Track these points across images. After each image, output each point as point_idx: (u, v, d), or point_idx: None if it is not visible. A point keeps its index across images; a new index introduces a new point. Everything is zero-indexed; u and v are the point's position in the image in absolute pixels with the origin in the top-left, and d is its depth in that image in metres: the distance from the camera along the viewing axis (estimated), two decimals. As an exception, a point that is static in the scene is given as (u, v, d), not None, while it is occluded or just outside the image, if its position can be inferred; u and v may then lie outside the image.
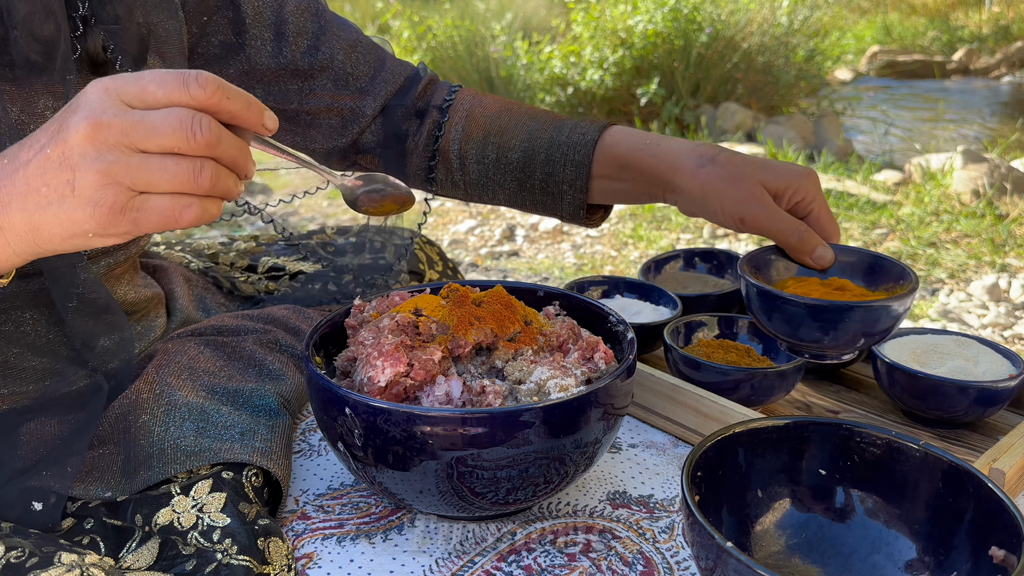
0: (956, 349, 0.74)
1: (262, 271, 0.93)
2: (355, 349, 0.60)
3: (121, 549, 0.54)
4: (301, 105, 0.81)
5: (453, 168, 0.83)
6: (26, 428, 0.60)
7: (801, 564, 0.52)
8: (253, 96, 0.47)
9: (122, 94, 0.44)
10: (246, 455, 0.59)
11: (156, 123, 0.44)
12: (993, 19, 8.23)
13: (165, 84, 0.44)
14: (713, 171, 0.69)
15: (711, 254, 1.02)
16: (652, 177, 0.74)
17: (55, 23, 0.58)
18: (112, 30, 0.64)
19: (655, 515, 0.61)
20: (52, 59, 0.58)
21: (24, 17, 0.56)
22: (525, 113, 0.81)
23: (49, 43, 0.58)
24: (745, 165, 0.69)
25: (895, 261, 0.69)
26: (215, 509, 0.55)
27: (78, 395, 0.64)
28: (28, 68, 0.58)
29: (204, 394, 0.65)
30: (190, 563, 0.52)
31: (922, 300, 2.26)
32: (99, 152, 0.43)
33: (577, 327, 0.64)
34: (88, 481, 0.59)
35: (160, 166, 0.44)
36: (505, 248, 2.81)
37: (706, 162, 0.70)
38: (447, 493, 0.54)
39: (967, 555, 0.47)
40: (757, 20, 4.37)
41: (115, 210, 0.44)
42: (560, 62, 4.49)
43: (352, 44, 0.82)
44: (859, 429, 0.53)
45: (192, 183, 0.45)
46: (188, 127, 0.44)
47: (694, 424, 0.71)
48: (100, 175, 0.44)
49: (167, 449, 0.59)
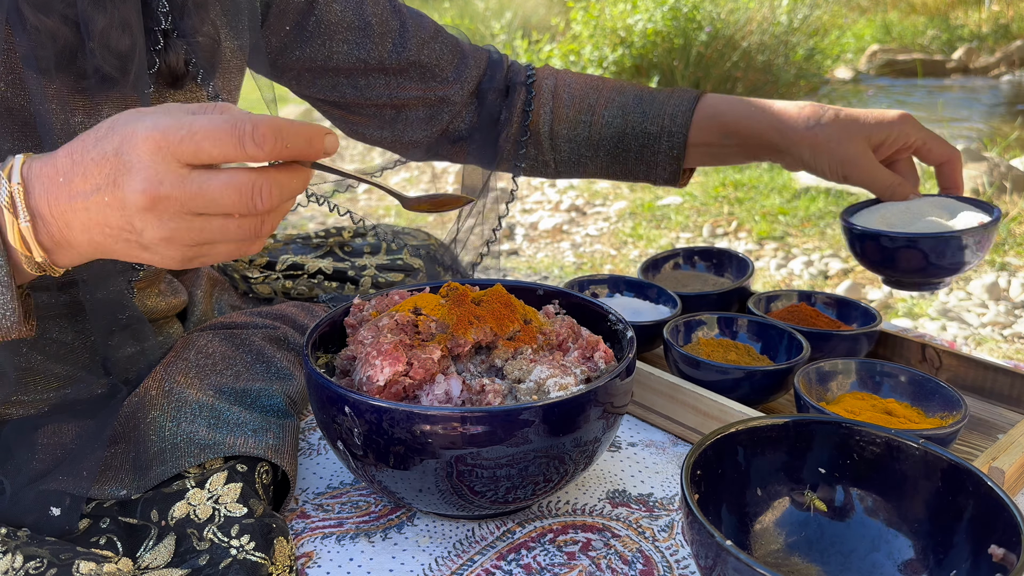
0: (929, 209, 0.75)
1: (280, 268, 0.93)
2: (354, 348, 0.60)
3: (138, 548, 0.54)
4: (390, 99, 0.82)
5: (544, 148, 0.86)
6: (43, 432, 0.60)
7: (801, 562, 0.52)
8: (312, 126, 0.46)
9: (177, 154, 0.43)
10: (261, 450, 0.60)
11: (215, 196, 0.43)
12: (992, 18, 8.23)
13: (220, 142, 0.43)
14: (821, 132, 0.73)
15: (711, 253, 1.02)
16: (760, 141, 0.78)
17: (131, 37, 0.57)
18: (194, 44, 0.63)
19: (654, 514, 0.61)
20: (127, 73, 0.58)
21: (102, 30, 0.56)
22: (612, 88, 0.84)
23: (124, 57, 0.57)
24: (850, 124, 0.73)
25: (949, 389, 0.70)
26: (231, 500, 0.55)
27: (95, 399, 0.64)
28: (100, 80, 0.57)
29: (212, 393, 0.65)
30: (203, 558, 0.51)
31: (922, 299, 2.26)
32: (160, 220, 0.44)
33: (577, 326, 0.64)
34: (102, 481, 0.59)
35: (222, 227, 0.45)
36: (505, 247, 2.81)
37: (813, 123, 0.74)
38: (447, 492, 0.54)
39: (966, 553, 0.47)
40: (757, 19, 4.37)
41: (182, 261, 0.46)
42: (560, 61, 4.49)
43: (432, 35, 0.83)
44: (859, 428, 0.53)
45: (255, 234, 0.46)
46: (248, 199, 0.44)
47: (694, 423, 0.71)
48: (164, 241, 0.45)
49: (180, 443, 0.59)
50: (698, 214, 3.00)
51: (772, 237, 2.73)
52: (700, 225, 2.89)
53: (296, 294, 0.91)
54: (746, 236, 2.76)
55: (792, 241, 2.71)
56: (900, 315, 2.16)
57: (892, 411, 0.68)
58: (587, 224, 3.03)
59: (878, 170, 0.73)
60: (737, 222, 2.88)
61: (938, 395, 0.69)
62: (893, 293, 2.30)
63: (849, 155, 0.72)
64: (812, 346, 0.79)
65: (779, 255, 2.60)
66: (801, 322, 0.84)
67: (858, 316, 0.86)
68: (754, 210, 2.96)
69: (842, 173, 0.73)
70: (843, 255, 2.57)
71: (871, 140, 0.73)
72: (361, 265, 0.95)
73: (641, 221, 2.98)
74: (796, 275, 2.44)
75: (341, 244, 1.00)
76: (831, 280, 2.40)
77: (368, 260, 0.96)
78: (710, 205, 3.07)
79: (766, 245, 2.69)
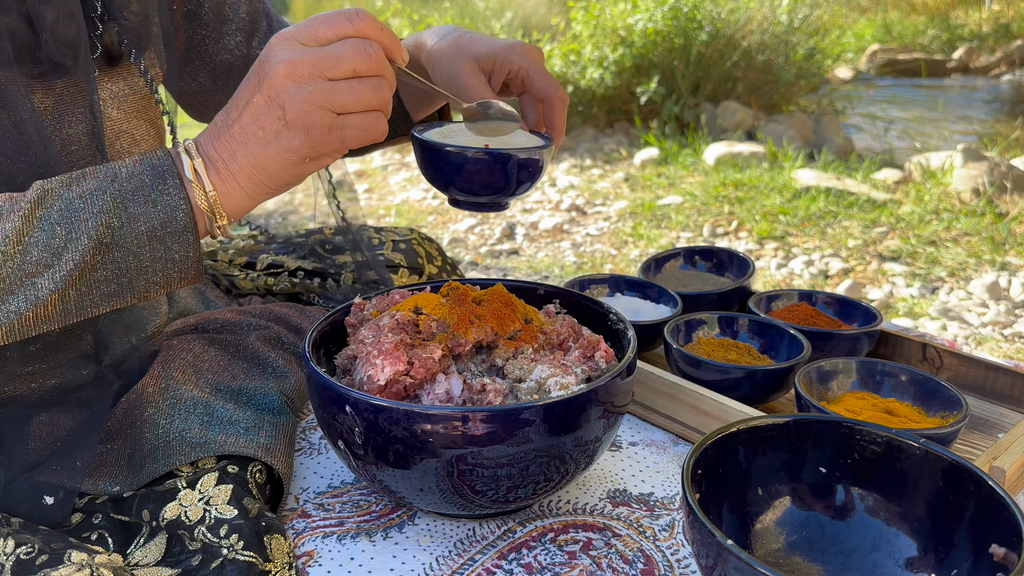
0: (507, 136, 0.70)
1: (260, 268, 0.94)
2: (355, 347, 0.60)
3: (129, 545, 0.54)
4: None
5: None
6: (36, 423, 0.61)
7: (801, 562, 0.52)
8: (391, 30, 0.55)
9: (299, 38, 0.52)
10: (251, 450, 0.60)
11: (337, 52, 0.52)
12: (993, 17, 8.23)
13: (332, 23, 0.53)
14: (436, 49, 0.73)
15: (711, 252, 1.02)
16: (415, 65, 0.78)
17: (76, 26, 0.61)
18: (124, 25, 0.68)
19: (655, 513, 0.61)
20: (76, 59, 0.61)
21: (52, 23, 0.59)
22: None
23: (73, 45, 0.61)
24: (464, 44, 0.73)
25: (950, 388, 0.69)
26: (222, 501, 0.55)
27: (87, 389, 0.64)
28: (54, 69, 0.61)
29: (209, 390, 0.65)
30: (195, 558, 0.52)
31: (922, 299, 2.26)
32: (299, 85, 0.52)
33: (577, 325, 0.64)
34: (96, 476, 0.59)
35: (349, 88, 0.53)
36: (505, 246, 2.81)
37: (436, 40, 0.74)
38: (447, 491, 0.54)
39: (967, 553, 0.47)
40: (757, 18, 4.37)
41: (324, 130, 0.53)
42: (560, 60, 4.49)
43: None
44: (860, 427, 0.53)
45: (375, 98, 0.54)
46: (363, 51, 0.53)
47: (694, 422, 0.71)
48: (305, 103, 0.52)
49: (172, 441, 0.60)
50: (698, 214, 3.00)
51: (773, 237, 2.73)
52: (700, 225, 2.89)
53: (279, 290, 0.92)
54: (747, 236, 2.76)
55: (792, 240, 2.71)
56: (901, 315, 2.16)
57: (893, 410, 0.68)
58: (587, 223, 3.03)
59: (479, 88, 0.71)
60: (738, 222, 2.88)
61: (939, 394, 0.69)
62: (894, 292, 2.30)
63: (455, 71, 0.71)
64: (813, 346, 0.79)
65: (780, 255, 2.60)
66: (802, 322, 0.84)
67: (859, 316, 0.86)
68: (754, 209, 2.96)
69: (450, 88, 0.72)
70: (843, 255, 2.57)
71: (480, 61, 0.72)
72: (341, 263, 0.96)
73: (641, 221, 2.98)
74: (797, 274, 2.44)
75: (322, 242, 1.01)
76: (832, 280, 2.40)
77: (348, 257, 0.97)
78: (711, 205, 3.07)
79: (767, 245, 2.69)
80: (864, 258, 2.55)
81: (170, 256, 0.54)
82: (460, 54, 0.72)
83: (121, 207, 0.52)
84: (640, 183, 3.50)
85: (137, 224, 0.52)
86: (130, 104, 0.69)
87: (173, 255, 0.54)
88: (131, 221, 0.52)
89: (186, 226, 0.54)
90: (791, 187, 3.14)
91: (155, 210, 0.53)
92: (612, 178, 3.62)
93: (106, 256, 0.52)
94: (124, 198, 0.52)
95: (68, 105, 0.63)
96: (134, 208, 0.53)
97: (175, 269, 0.55)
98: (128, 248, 0.53)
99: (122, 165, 0.54)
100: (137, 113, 0.70)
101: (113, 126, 0.67)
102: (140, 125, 0.70)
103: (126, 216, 0.52)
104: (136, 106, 0.70)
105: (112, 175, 0.53)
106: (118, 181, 0.53)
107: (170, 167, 0.54)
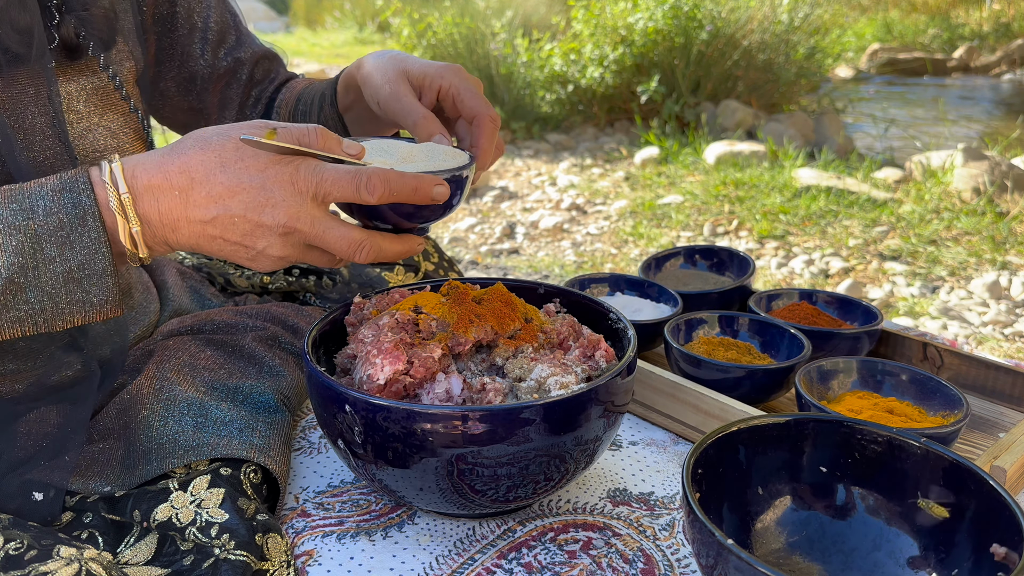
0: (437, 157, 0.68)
1: None
2: (355, 347, 0.59)
3: (119, 544, 0.54)
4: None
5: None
6: (24, 420, 0.61)
7: (802, 561, 0.51)
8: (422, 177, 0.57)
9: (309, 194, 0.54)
10: (244, 451, 0.60)
11: (331, 241, 0.56)
12: (993, 17, 8.23)
13: (343, 190, 0.55)
14: (377, 63, 0.74)
15: (712, 251, 1.02)
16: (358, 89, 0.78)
17: (29, 13, 0.60)
18: (82, 17, 0.67)
19: (655, 512, 0.61)
20: (30, 47, 0.61)
21: (3, 8, 0.58)
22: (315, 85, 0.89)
23: (27, 32, 0.60)
24: (397, 61, 0.73)
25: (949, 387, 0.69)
26: (213, 505, 0.55)
27: (71, 383, 0.64)
28: (10, 59, 0.61)
29: (204, 389, 0.65)
30: (188, 558, 0.51)
31: (923, 298, 2.26)
32: (284, 246, 0.55)
33: (578, 324, 0.64)
34: (88, 476, 0.59)
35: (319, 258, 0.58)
36: (505, 246, 2.81)
37: (376, 58, 0.75)
38: (447, 490, 0.54)
39: (968, 552, 0.47)
40: (758, 18, 4.37)
41: (269, 267, 0.57)
42: (560, 60, 4.49)
43: (264, 54, 0.89)
44: (860, 427, 0.53)
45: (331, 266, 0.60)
46: (352, 253, 0.57)
47: (695, 421, 0.71)
48: (279, 260, 0.56)
49: (165, 444, 0.59)
50: (699, 213, 3.00)
51: (773, 236, 2.73)
52: (701, 224, 2.89)
53: (274, 288, 0.91)
54: (747, 235, 2.76)
55: (793, 240, 2.71)
56: (901, 314, 2.16)
57: (893, 410, 0.68)
58: (588, 223, 3.03)
59: (411, 106, 0.71)
60: (738, 221, 2.88)
61: (939, 394, 0.69)
62: (894, 292, 2.30)
63: (386, 91, 0.71)
64: (813, 345, 0.79)
65: (780, 254, 2.60)
66: (802, 321, 0.84)
67: (859, 315, 0.86)
68: (755, 209, 2.95)
69: (382, 107, 0.72)
70: (844, 254, 2.56)
71: (410, 75, 0.72)
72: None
73: (642, 220, 2.98)
74: (797, 274, 2.44)
75: None
76: (832, 279, 2.40)
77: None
78: (711, 204, 3.07)
79: (767, 244, 2.69)
80: (864, 257, 2.55)
81: (88, 299, 0.53)
82: (394, 69, 0.72)
83: (37, 247, 0.50)
84: (640, 182, 3.50)
85: (53, 266, 0.51)
86: (99, 98, 0.69)
87: (91, 298, 0.53)
88: (47, 263, 0.51)
89: (104, 269, 0.52)
90: (791, 186, 3.14)
91: (73, 252, 0.51)
92: (612, 177, 3.62)
93: (19, 296, 0.51)
94: (40, 238, 0.50)
95: (31, 96, 0.63)
96: (50, 250, 0.51)
97: (93, 311, 0.54)
98: (43, 289, 0.51)
99: (40, 196, 0.51)
100: (108, 107, 0.69)
101: (82, 120, 0.67)
102: (115, 119, 0.70)
103: (41, 257, 0.50)
104: (105, 100, 0.69)
105: (30, 209, 0.51)
106: (35, 219, 0.50)
107: (91, 206, 0.51)
